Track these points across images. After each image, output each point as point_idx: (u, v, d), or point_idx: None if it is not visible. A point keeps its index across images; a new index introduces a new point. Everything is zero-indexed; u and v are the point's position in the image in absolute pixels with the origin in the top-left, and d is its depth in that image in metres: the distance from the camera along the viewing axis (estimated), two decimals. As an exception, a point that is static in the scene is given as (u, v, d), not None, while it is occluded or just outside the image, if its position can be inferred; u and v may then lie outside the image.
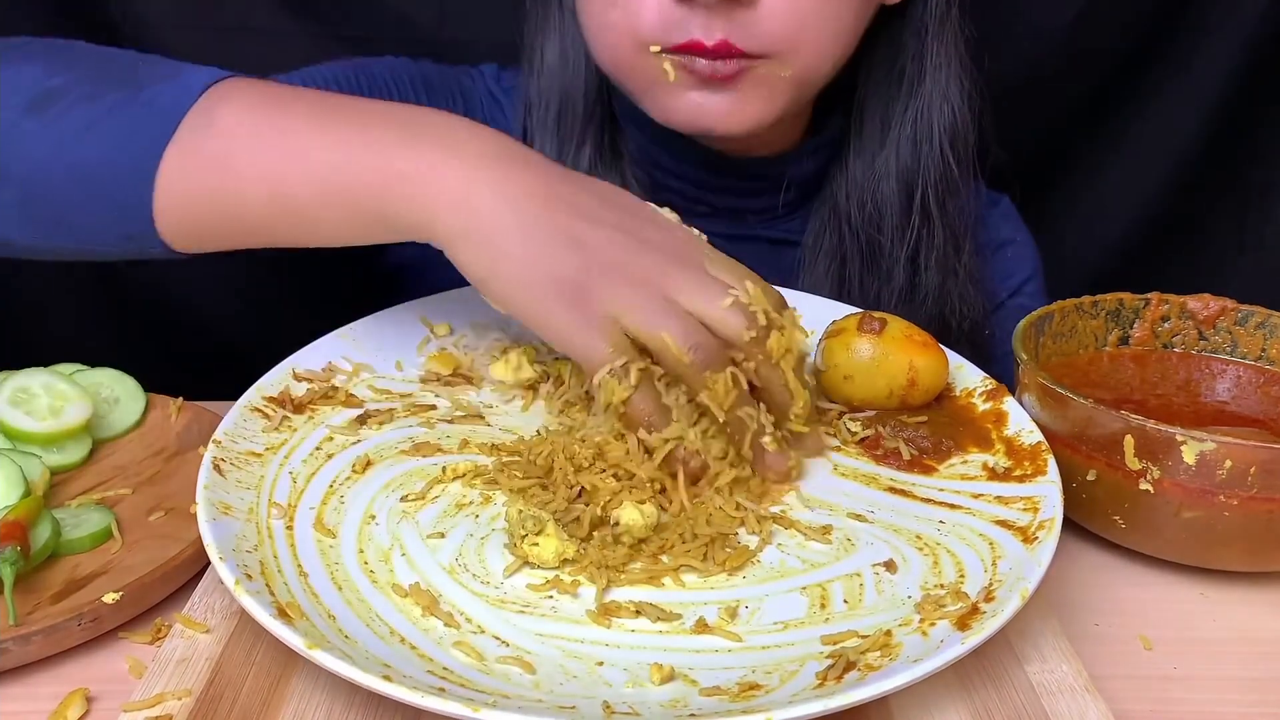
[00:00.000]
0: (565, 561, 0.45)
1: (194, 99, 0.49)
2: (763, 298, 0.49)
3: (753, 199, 0.73)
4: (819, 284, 0.71)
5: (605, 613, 0.43)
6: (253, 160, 0.48)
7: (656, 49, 0.60)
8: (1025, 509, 0.48)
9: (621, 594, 0.44)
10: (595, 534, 0.47)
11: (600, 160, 0.70)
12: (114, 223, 0.50)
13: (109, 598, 0.44)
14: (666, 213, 0.52)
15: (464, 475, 0.50)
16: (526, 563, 0.45)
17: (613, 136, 0.71)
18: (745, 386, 0.49)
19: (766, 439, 0.49)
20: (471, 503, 0.49)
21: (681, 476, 0.48)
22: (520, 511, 0.46)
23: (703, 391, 0.47)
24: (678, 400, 0.49)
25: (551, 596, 0.44)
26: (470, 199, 0.47)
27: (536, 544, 0.45)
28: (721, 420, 0.48)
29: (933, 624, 0.42)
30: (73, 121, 0.49)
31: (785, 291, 0.65)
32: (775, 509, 0.49)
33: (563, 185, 0.49)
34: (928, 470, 0.52)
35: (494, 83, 0.77)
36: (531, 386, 0.57)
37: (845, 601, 0.44)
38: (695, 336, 0.47)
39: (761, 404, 0.50)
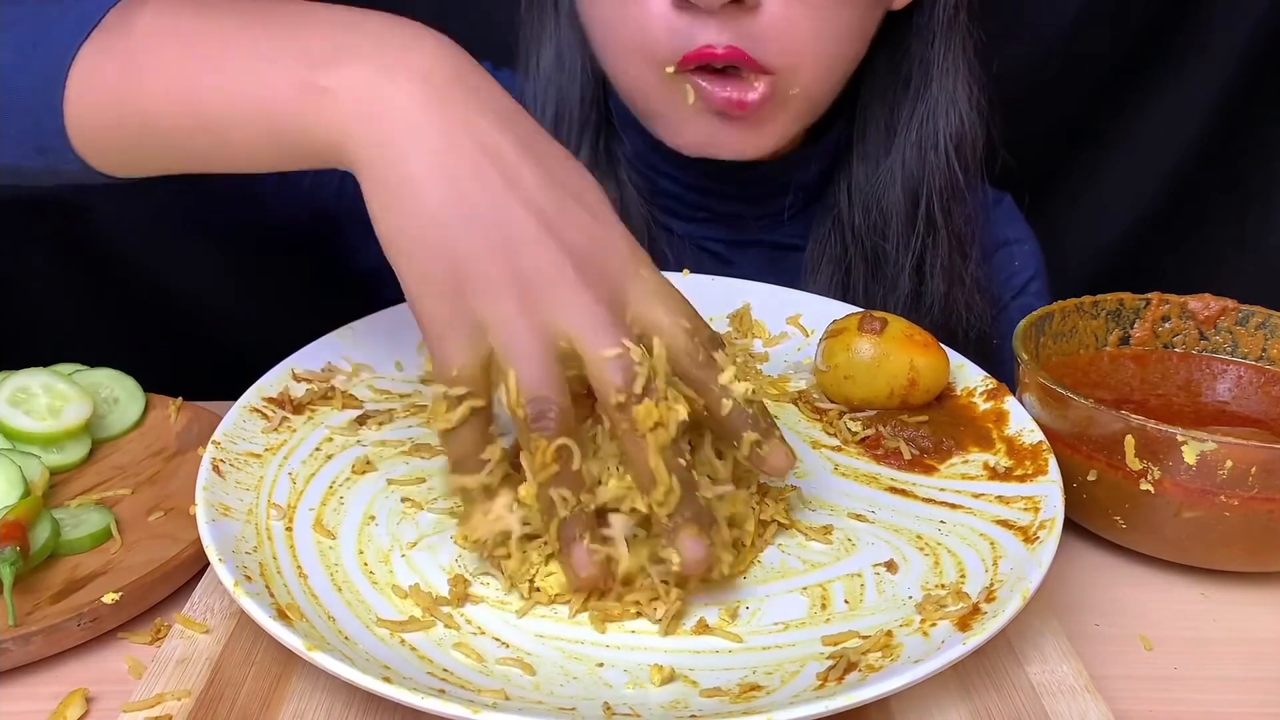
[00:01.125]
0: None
1: (111, 3, 0.46)
2: (659, 363, 0.41)
3: (754, 204, 0.72)
4: (822, 292, 0.70)
5: (606, 618, 0.42)
6: (166, 65, 0.44)
7: (672, 69, 0.60)
8: (1026, 508, 0.48)
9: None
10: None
11: (596, 166, 0.70)
12: (25, 133, 0.47)
13: (109, 598, 0.44)
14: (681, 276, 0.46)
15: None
16: (538, 597, 0.43)
17: (609, 141, 0.71)
18: (574, 465, 0.40)
19: (585, 540, 0.41)
20: (472, 503, 0.49)
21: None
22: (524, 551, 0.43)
23: (524, 450, 0.41)
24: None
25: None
26: (389, 132, 0.40)
27: (552, 573, 0.42)
28: (534, 489, 0.41)
29: (934, 624, 0.42)
30: None
31: (787, 293, 0.65)
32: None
33: (504, 137, 0.41)
34: (928, 470, 0.52)
35: None
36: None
37: (846, 602, 0.44)
38: (541, 390, 0.39)
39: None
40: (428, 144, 0.40)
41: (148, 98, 0.45)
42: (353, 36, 0.43)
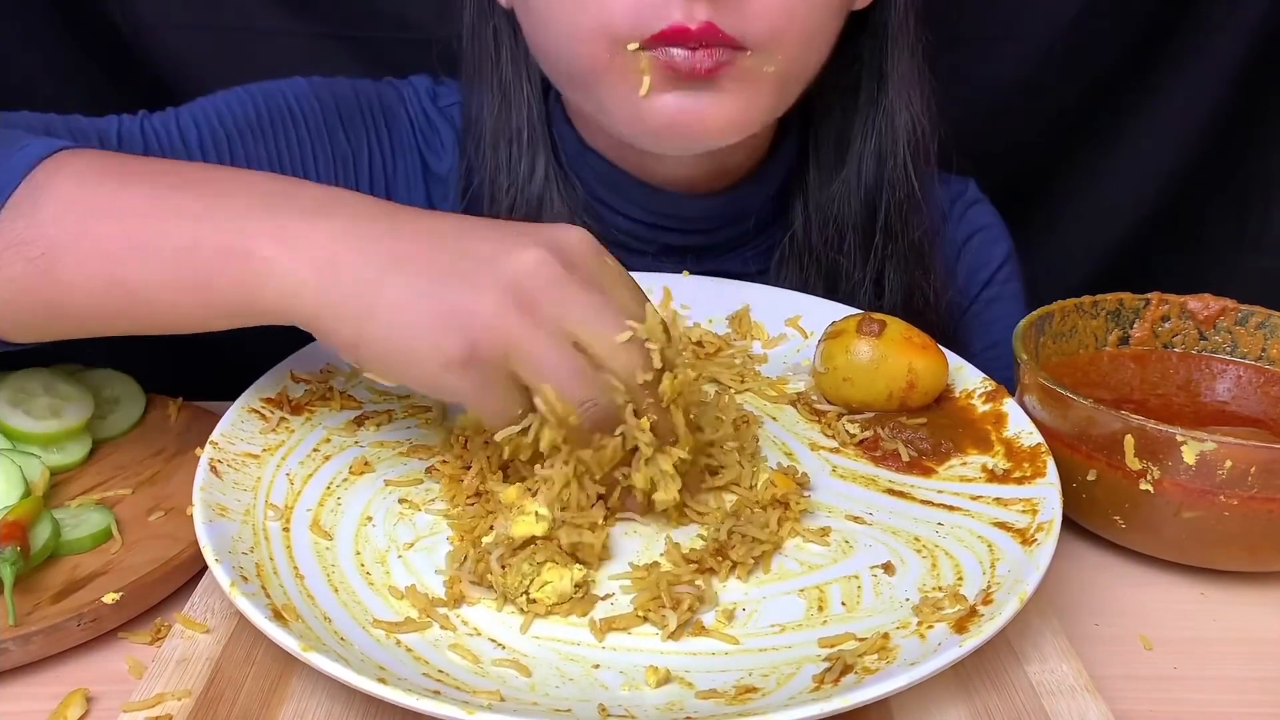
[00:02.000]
0: (579, 585, 0.43)
1: (17, 182, 0.45)
2: (659, 332, 0.44)
3: (705, 235, 0.69)
4: None
5: (606, 627, 0.42)
6: (85, 249, 0.44)
7: (635, 46, 0.55)
8: (1024, 511, 0.48)
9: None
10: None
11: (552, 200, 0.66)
12: None
13: (109, 598, 0.45)
14: None
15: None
16: (535, 609, 0.43)
17: (563, 186, 0.67)
18: (627, 446, 0.44)
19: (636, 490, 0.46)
20: (469, 504, 0.49)
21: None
22: (505, 567, 0.43)
23: (586, 451, 0.44)
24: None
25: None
26: (333, 265, 0.42)
27: (547, 583, 0.42)
28: (596, 478, 0.45)
29: (930, 626, 0.42)
30: None
31: (786, 294, 0.65)
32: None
33: (429, 233, 0.44)
34: (927, 472, 0.52)
35: (429, 102, 0.71)
36: None
37: (843, 604, 0.44)
38: (585, 391, 0.42)
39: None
40: (373, 263, 0.42)
41: (66, 286, 0.45)
42: (266, 197, 0.44)
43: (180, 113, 0.65)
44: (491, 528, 0.46)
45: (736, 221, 0.69)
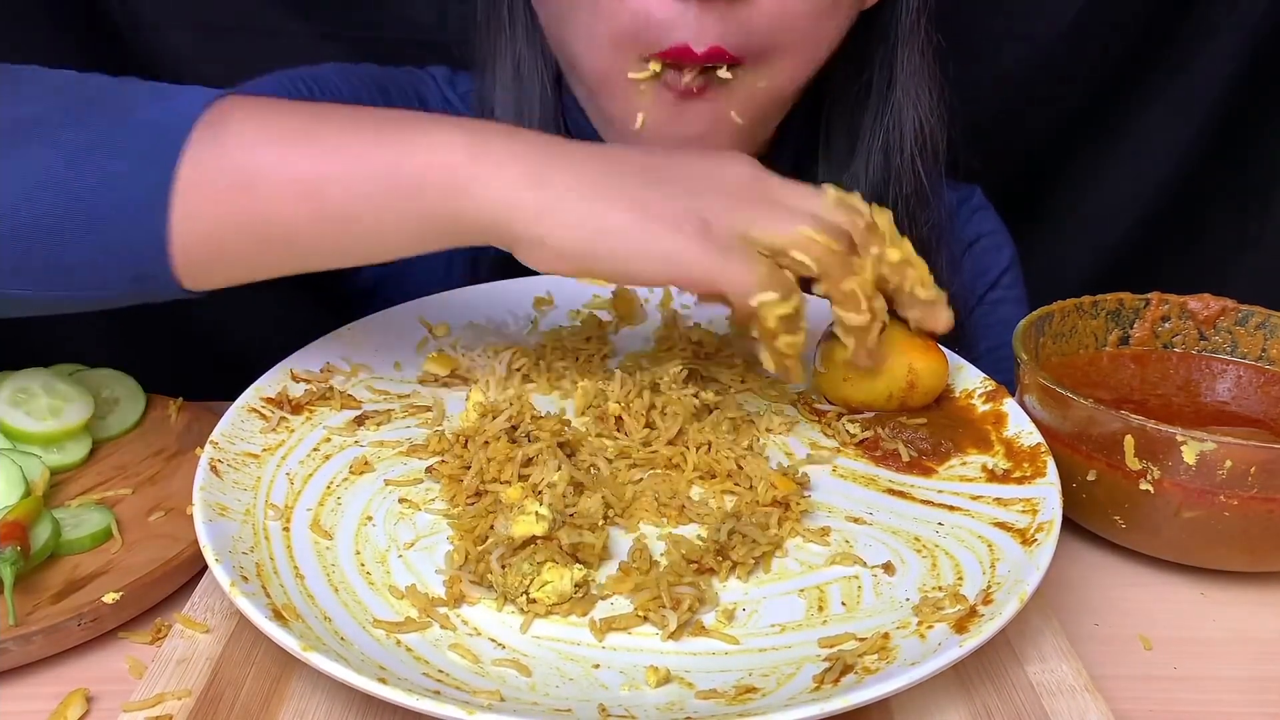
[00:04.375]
0: (579, 585, 0.43)
1: (197, 115, 0.44)
2: (845, 196, 0.48)
3: None
4: None
5: (606, 627, 0.42)
6: (286, 171, 0.43)
7: (657, 67, 0.57)
8: (1024, 511, 0.48)
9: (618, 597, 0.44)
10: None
11: None
12: (119, 262, 0.44)
13: (109, 598, 0.45)
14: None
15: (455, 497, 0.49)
16: (535, 609, 0.43)
17: None
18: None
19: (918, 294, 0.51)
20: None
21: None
22: (505, 567, 0.43)
23: (849, 279, 0.48)
24: None
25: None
26: (544, 181, 0.44)
27: (547, 582, 0.42)
28: (864, 309, 0.49)
29: (930, 627, 0.42)
30: (57, 152, 0.42)
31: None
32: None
33: (621, 154, 0.47)
34: (927, 472, 0.52)
35: (448, 88, 0.73)
36: (452, 376, 0.58)
37: (843, 604, 0.44)
38: (832, 221, 0.46)
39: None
40: (586, 179, 0.44)
41: (270, 209, 0.44)
42: (449, 122, 0.45)
43: (239, 89, 0.65)
44: (491, 527, 0.46)
45: None
